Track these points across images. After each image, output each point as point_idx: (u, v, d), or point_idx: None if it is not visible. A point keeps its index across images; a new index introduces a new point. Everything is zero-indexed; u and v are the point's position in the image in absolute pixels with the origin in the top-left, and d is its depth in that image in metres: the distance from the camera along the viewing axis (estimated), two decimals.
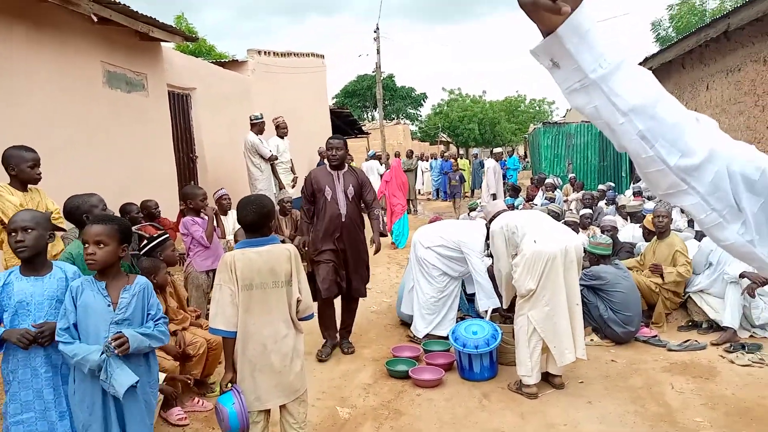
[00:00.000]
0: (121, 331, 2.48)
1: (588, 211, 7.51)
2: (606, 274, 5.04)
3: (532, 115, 45.94)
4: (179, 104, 8.79)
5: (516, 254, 4.15)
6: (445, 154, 21.43)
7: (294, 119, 9.43)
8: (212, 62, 11.11)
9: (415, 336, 5.32)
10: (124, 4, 6.15)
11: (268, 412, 2.91)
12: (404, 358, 4.81)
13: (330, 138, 5.05)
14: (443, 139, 41.27)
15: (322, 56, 15.10)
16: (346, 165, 5.08)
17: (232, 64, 11.26)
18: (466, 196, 19.27)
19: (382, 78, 41.39)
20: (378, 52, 17.87)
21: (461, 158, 24.55)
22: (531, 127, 22.84)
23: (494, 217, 4.59)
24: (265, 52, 11.67)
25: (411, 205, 15.06)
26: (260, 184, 8.30)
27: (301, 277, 2.93)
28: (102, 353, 2.42)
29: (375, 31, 17.27)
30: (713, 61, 9.84)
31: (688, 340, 5.03)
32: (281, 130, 8.89)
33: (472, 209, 9.57)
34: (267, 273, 2.81)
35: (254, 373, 2.80)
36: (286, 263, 2.86)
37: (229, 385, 2.82)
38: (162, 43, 7.86)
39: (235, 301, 2.77)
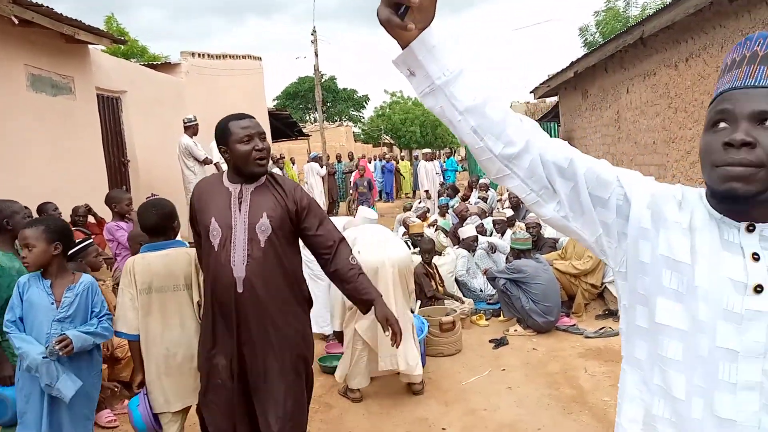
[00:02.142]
0: (65, 333, 2.59)
1: (510, 212, 7.84)
2: (526, 268, 5.32)
3: None
4: (109, 108, 8.64)
5: None
6: (387, 156, 21.69)
7: None
8: (144, 64, 10.95)
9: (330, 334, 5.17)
10: (48, 7, 6.03)
11: (186, 410, 2.94)
12: (338, 354, 4.93)
13: (240, 118, 2.52)
14: (386, 141, 41.62)
15: (259, 58, 15.06)
16: (267, 174, 2.61)
17: (165, 67, 11.12)
18: (408, 197, 19.60)
19: (323, 80, 41.50)
20: (316, 54, 17.93)
21: (402, 160, 24.89)
22: None
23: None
24: (199, 54, 11.58)
25: (350, 207, 15.21)
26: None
27: (201, 281, 2.85)
28: (44, 356, 2.54)
29: (312, 34, 17.36)
30: (632, 66, 10.41)
31: (603, 328, 5.37)
32: None
33: (406, 209, 9.79)
34: (166, 276, 2.79)
35: (160, 375, 2.81)
36: (186, 266, 2.84)
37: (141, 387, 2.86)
38: (90, 46, 7.72)
39: (136, 305, 2.78)
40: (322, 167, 15.02)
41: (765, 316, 1.02)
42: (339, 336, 4.34)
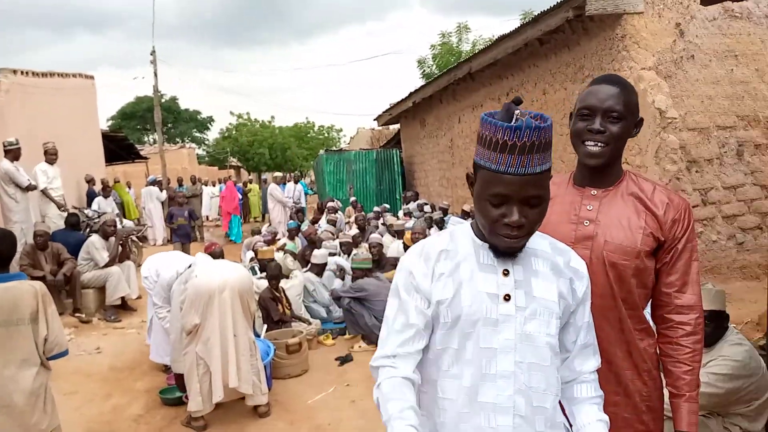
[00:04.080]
0: None
1: (356, 231, 8.18)
2: (369, 286, 5.61)
3: (321, 141, 47.41)
4: None
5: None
6: (233, 179, 21.26)
7: (59, 145, 8.73)
8: None
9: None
10: None
11: None
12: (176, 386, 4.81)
13: None
14: (233, 163, 40.67)
15: (92, 77, 14.14)
16: None
17: None
18: (257, 221, 19.36)
19: (164, 100, 39.66)
20: (155, 75, 17.20)
21: (251, 183, 24.53)
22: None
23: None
24: (22, 72, 10.61)
25: (197, 233, 14.71)
26: (16, 216, 7.53)
27: (49, 315, 2.86)
28: None
29: (151, 54, 16.66)
30: (463, 98, 11.38)
31: None
32: (50, 156, 8.34)
33: (255, 233, 9.74)
34: (8, 311, 2.72)
35: None
36: (31, 300, 2.78)
37: None
38: None
39: None
40: (162, 191, 14.38)
41: (513, 318, 1.39)
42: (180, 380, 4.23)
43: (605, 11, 6.02)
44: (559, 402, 1.50)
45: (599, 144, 1.72)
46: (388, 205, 13.06)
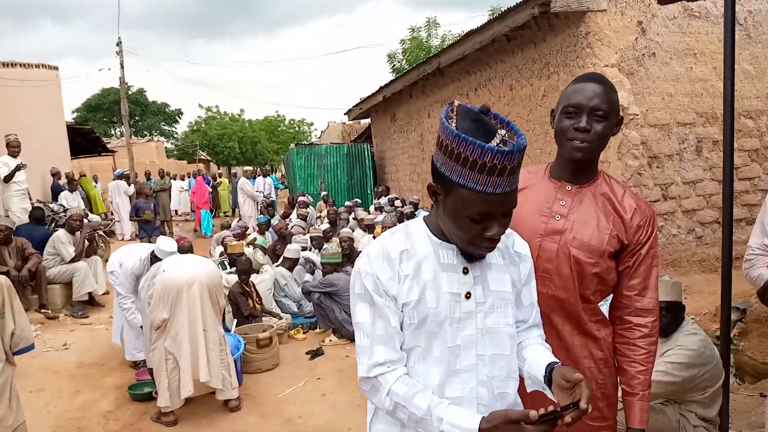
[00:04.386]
0: None
1: (327, 226, 8.21)
2: (338, 281, 5.66)
3: (292, 135, 47.15)
4: None
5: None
6: (203, 173, 21.02)
7: (22, 137, 8.54)
8: None
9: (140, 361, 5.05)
10: None
11: None
12: (148, 381, 4.79)
13: None
14: (203, 157, 40.19)
15: (56, 68, 13.83)
16: None
17: None
18: (227, 215, 19.18)
19: (131, 92, 38.88)
20: (122, 66, 16.87)
21: (220, 177, 24.29)
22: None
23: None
24: None
25: (166, 227, 14.53)
26: None
27: (16, 309, 2.84)
28: None
29: (117, 45, 16.32)
30: (432, 93, 11.46)
31: None
32: (12, 149, 8.17)
33: (224, 227, 9.69)
34: None
35: None
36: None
37: None
38: None
39: None
40: (129, 185, 14.15)
41: (473, 315, 1.43)
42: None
43: (570, 8, 6.15)
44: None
45: (585, 141, 1.76)
46: (359, 200, 13.09)
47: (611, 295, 1.98)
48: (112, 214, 13.99)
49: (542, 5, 6.26)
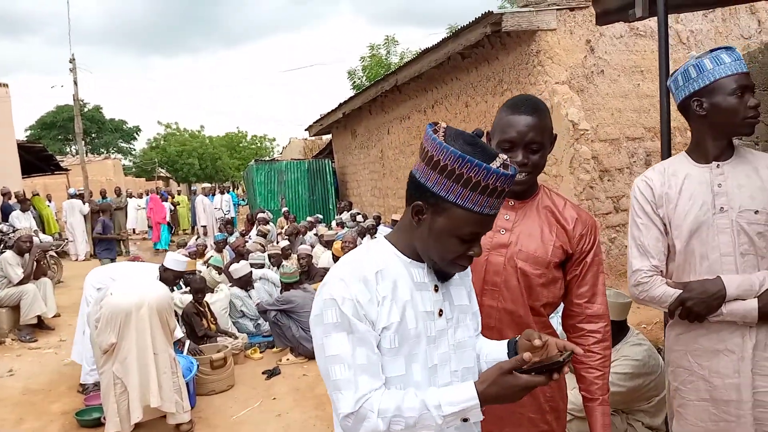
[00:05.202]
0: None
1: (286, 242, 8.15)
2: (295, 298, 5.60)
3: (254, 151, 46.81)
4: None
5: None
6: (155, 190, 20.67)
7: None
8: None
9: (85, 385, 4.93)
10: None
11: None
12: (97, 407, 4.64)
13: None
14: (162, 174, 39.52)
15: (6, 84, 13.47)
16: None
17: None
18: (186, 233, 18.85)
19: (87, 109, 38.07)
20: (75, 83, 16.51)
21: (179, 194, 23.90)
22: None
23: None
24: None
25: (122, 246, 14.19)
26: None
27: None
28: None
29: (71, 61, 15.96)
30: (391, 110, 11.56)
31: None
32: None
33: (180, 246, 9.52)
34: None
35: None
36: None
37: None
38: None
39: None
40: (84, 204, 13.79)
41: (446, 332, 1.43)
42: None
43: (520, 27, 6.31)
44: None
45: (523, 173, 1.80)
46: (321, 216, 13.05)
47: (561, 308, 2.03)
48: (66, 234, 13.61)
49: (494, 24, 6.40)
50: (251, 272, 6.75)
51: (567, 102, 6.32)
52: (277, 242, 9.48)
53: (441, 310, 1.41)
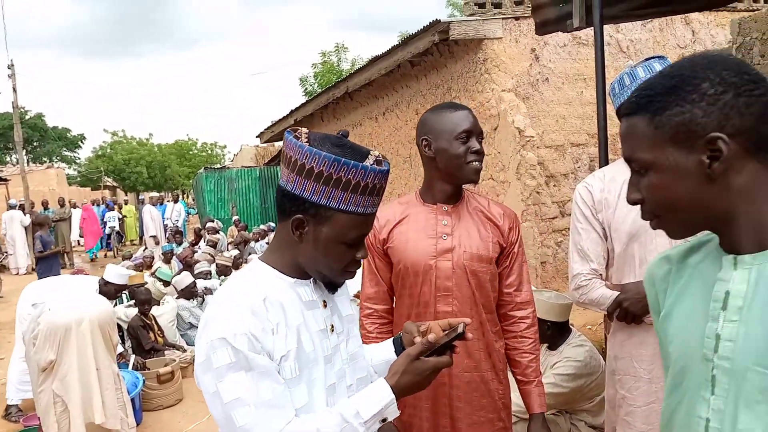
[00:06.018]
0: None
1: (236, 251, 8.03)
2: None
3: (204, 158, 46.02)
4: None
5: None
6: (106, 200, 20.08)
7: None
8: None
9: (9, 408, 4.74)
10: None
11: None
12: (34, 427, 4.46)
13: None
14: (108, 183, 38.39)
15: None
16: None
17: None
18: (134, 243, 18.35)
19: (28, 117, 36.63)
20: (14, 90, 15.87)
21: (126, 204, 23.24)
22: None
23: None
24: None
25: (66, 259, 13.70)
26: None
27: None
28: None
29: (9, 67, 15.34)
30: (343, 117, 11.55)
31: None
32: None
33: (125, 258, 9.26)
34: None
35: None
36: None
37: None
38: None
39: None
40: (25, 215, 13.27)
41: (338, 348, 1.37)
42: None
43: (467, 36, 6.41)
44: None
45: (480, 162, 1.91)
46: (273, 224, 12.91)
47: None
48: (5, 246, 13.06)
49: (442, 32, 6.48)
50: (194, 282, 6.59)
51: (513, 109, 6.46)
52: (226, 252, 9.32)
53: (332, 326, 1.35)
